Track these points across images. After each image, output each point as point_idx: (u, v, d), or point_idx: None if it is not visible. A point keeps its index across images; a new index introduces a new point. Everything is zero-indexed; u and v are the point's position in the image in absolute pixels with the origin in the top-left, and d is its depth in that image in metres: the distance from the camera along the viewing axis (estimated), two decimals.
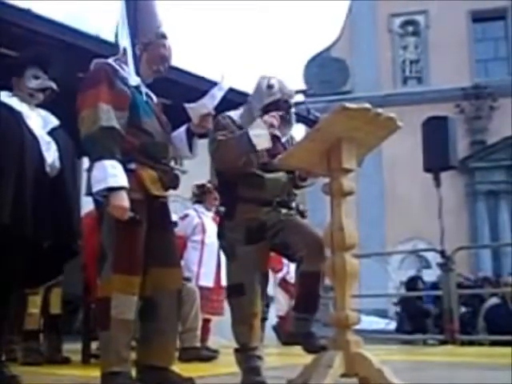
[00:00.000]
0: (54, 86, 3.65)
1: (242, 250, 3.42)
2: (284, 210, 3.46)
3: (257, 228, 3.40)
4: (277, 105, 3.53)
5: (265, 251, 3.50)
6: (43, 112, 3.59)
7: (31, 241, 3.23)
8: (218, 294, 5.49)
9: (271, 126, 3.31)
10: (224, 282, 5.59)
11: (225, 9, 58.89)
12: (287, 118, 3.60)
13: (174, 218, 4.24)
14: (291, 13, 59.27)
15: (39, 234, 3.25)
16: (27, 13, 5.84)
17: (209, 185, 5.96)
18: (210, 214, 5.88)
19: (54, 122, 3.58)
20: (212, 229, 5.70)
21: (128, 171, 3.01)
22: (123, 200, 2.91)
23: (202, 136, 3.52)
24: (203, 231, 5.73)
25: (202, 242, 5.68)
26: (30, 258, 3.32)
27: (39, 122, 3.48)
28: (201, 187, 6.01)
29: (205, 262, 5.66)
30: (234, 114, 3.57)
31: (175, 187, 3.31)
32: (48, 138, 3.41)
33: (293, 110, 3.65)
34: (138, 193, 3.03)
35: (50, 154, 3.37)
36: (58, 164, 3.38)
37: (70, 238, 3.48)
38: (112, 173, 2.89)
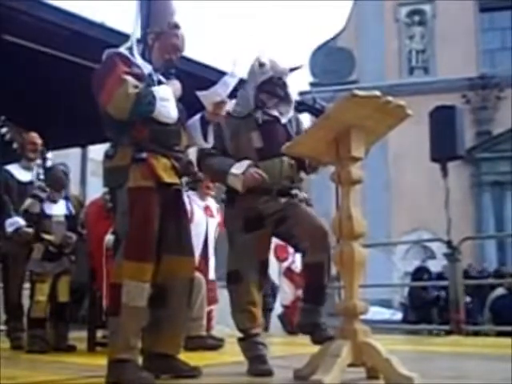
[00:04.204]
0: None
1: (240, 238, 3.46)
2: (283, 199, 3.45)
3: (254, 217, 3.42)
4: (271, 83, 3.56)
5: (263, 240, 3.51)
6: None
7: None
8: (207, 283, 5.40)
9: (251, 179, 3.35)
10: (212, 275, 5.57)
11: None
12: (283, 96, 3.61)
13: None
14: (297, 2, 59.03)
15: None
16: (36, 1, 5.84)
17: (200, 173, 5.72)
18: (202, 204, 5.74)
19: None
20: (201, 218, 5.59)
21: (139, 160, 3.03)
22: (175, 84, 3.21)
23: None
24: (191, 220, 5.61)
25: None
26: None
27: None
28: (193, 174, 5.77)
29: None
30: (229, 104, 3.56)
31: (189, 174, 3.30)
32: None
33: (288, 87, 3.63)
34: (150, 181, 3.04)
35: None
36: None
37: None
38: (162, 96, 3.07)
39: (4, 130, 7.52)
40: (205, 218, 5.62)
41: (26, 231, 5.18)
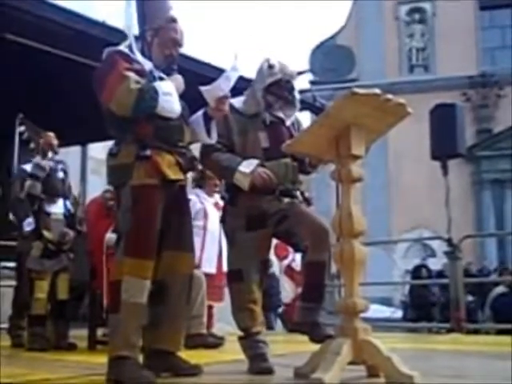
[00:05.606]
0: None
1: (242, 237, 3.44)
2: (286, 199, 3.45)
3: (258, 216, 3.41)
4: (278, 85, 3.57)
5: (265, 239, 3.50)
6: None
7: None
8: (220, 280, 5.44)
9: (260, 178, 3.33)
10: (225, 269, 5.59)
11: None
12: (290, 100, 3.62)
13: None
14: (297, 0, 58.95)
15: None
16: (40, 1, 5.85)
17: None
18: (212, 200, 5.79)
19: None
20: (214, 215, 5.63)
21: (143, 158, 3.02)
22: (178, 79, 3.24)
23: None
24: (205, 217, 5.63)
25: (205, 228, 5.55)
26: None
27: None
28: (200, 171, 5.72)
29: (207, 247, 5.57)
30: (237, 101, 3.56)
31: (193, 169, 3.30)
32: None
33: (296, 91, 3.66)
34: (154, 178, 3.04)
35: None
36: None
37: None
38: (164, 91, 3.06)
39: (22, 128, 7.51)
40: (217, 215, 5.63)
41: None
